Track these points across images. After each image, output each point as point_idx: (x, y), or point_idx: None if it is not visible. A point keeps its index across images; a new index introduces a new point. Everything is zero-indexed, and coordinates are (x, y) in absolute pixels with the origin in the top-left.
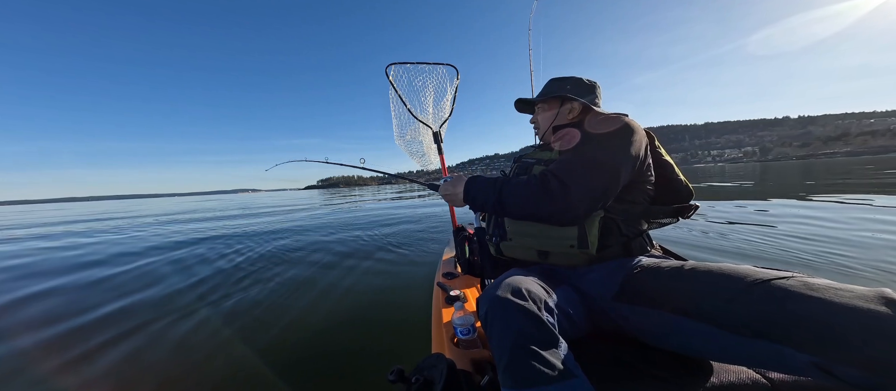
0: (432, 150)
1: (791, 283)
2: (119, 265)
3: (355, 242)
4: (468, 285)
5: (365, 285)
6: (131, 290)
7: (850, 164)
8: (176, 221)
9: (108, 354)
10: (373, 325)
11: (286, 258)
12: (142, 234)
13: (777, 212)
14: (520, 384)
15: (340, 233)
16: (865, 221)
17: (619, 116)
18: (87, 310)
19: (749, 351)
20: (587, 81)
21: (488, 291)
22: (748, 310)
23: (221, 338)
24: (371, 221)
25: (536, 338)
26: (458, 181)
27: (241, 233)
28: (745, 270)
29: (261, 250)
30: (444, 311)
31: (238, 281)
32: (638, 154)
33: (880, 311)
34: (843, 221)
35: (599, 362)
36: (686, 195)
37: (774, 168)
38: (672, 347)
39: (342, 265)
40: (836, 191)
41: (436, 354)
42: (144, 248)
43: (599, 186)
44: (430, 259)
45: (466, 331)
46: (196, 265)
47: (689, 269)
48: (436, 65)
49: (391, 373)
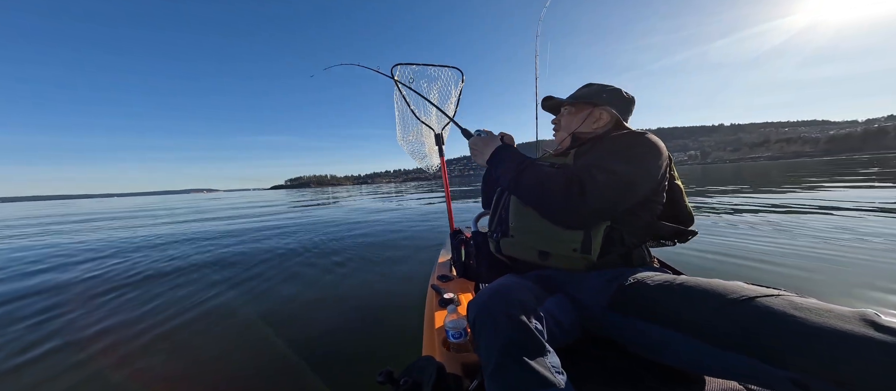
0: (434, 152)
1: (776, 301)
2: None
3: (345, 243)
4: (463, 288)
5: (357, 287)
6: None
7: (770, 166)
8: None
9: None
10: (365, 327)
11: (269, 259)
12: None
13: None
14: (505, 390)
15: (328, 233)
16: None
17: (647, 134)
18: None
19: (732, 365)
20: (626, 94)
21: (478, 298)
22: (731, 324)
23: (211, 342)
24: (362, 222)
25: (523, 346)
26: (492, 141)
27: (211, 233)
28: (734, 286)
29: (243, 248)
30: (436, 314)
31: (226, 281)
32: (658, 172)
33: (859, 332)
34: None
35: (590, 370)
36: (687, 220)
37: (712, 170)
38: (661, 359)
39: (333, 265)
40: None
41: (426, 357)
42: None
43: (616, 196)
44: (424, 261)
45: (458, 334)
46: (171, 264)
47: (679, 283)
48: (441, 67)
49: (380, 374)
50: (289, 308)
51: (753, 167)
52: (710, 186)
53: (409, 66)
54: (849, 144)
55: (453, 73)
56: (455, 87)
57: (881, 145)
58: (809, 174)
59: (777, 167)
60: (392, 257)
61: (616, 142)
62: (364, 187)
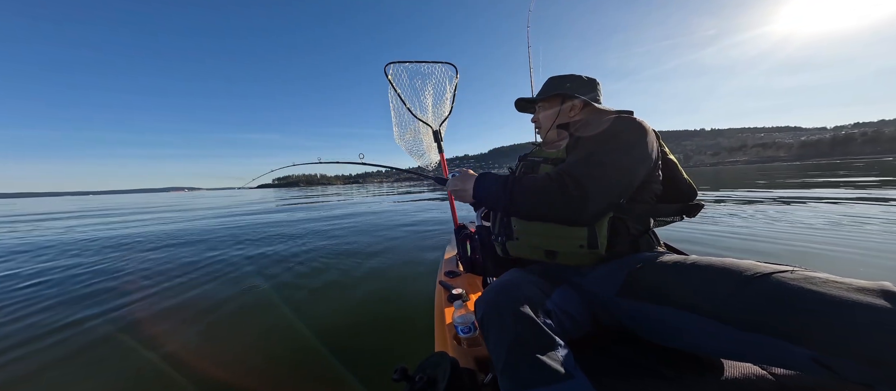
0: (433, 149)
1: (791, 277)
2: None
3: (353, 243)
4: (470, 283)
5: (367, 285)
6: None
7: (747, 170)
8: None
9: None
10: (376, 325)
11: (282, 259)
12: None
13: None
14: (517, 387)
15: (334, 232)
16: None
17: (630, 115)
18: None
19: (749, 345)
20: (586, 78)
21: (484, 295)
22: (747, 303)
23: (222, 338)
24: (363, 221)
25: (532, 341)
26: (467, 178)
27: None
28: (747, 264)
29: (253, 252)
30: (446, 310)
31: (237, 279)
32: (652, 153)
33: (880, 305)
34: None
35: (604, 363)
36: (690, 193)
37: (694, 173)
38: (675, 344)
39: (342, 265)
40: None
41: (439, 353)
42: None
43: (617, 187)
44: (432, 258)
45: (467, 328)
46: (189, 255)
47: (690, 263)
48: (434, 63)
49: (395, 372)
50: (296, 306)
51: (732, 170)
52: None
53: (402, 64)
54: (819, 150)
55: (447, 69)
56: (450, 83)
57: (848, 151)
58: (787, 176)
59: (753, 170)
60: (399, 254)
61: (603, 131)
62: (355, 187)
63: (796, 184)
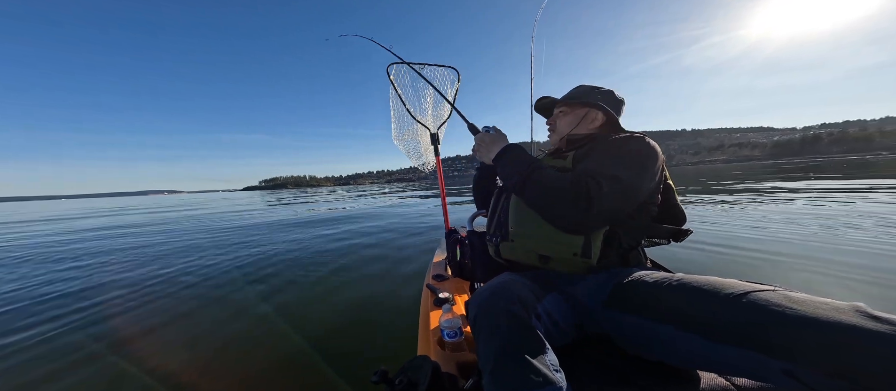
0: (430, 151)
1: (772, 296)
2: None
3: (341, 245)
4: (458, 288)
5: (352, 287)
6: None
7: (726, 169)
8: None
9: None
10: (360, 327)
11: (270, 259)
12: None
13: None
14: (504, 389)
15: (322, 232)
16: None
17: (645, 137)
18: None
19: (728, 358)
20: (618, 96)
21: (478, 295)
22: (729, 318)
23: (199, 343)
24: (354, 222)
25: (523, 344)
26: (499, 140)
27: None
28: (730, 283)
29: (240, 253)
30: (431, 314)
31: (213, 285)
32: (658, 177)
33: (853, 322)
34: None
35: (584, 369)
36: (681, 219)
37: (677, 172)
38: (657, 355)
39: (326, 266)
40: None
41: (421, 356)
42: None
43: (624, 203)
44: (420, 260)
45: (453, 333)
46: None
47: (676, 281)
48: (437, 66)
49: (375, 374)
50: (281, 309)
51: (712, 169)
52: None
53: (405, 65)
54: (790, 149)
55: (449, 73)
56: (451, 87)
57: (815, 150)
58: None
59: (727, 169)
60: (386, 257)
61: (617, 146)
62: (346, 188)
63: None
